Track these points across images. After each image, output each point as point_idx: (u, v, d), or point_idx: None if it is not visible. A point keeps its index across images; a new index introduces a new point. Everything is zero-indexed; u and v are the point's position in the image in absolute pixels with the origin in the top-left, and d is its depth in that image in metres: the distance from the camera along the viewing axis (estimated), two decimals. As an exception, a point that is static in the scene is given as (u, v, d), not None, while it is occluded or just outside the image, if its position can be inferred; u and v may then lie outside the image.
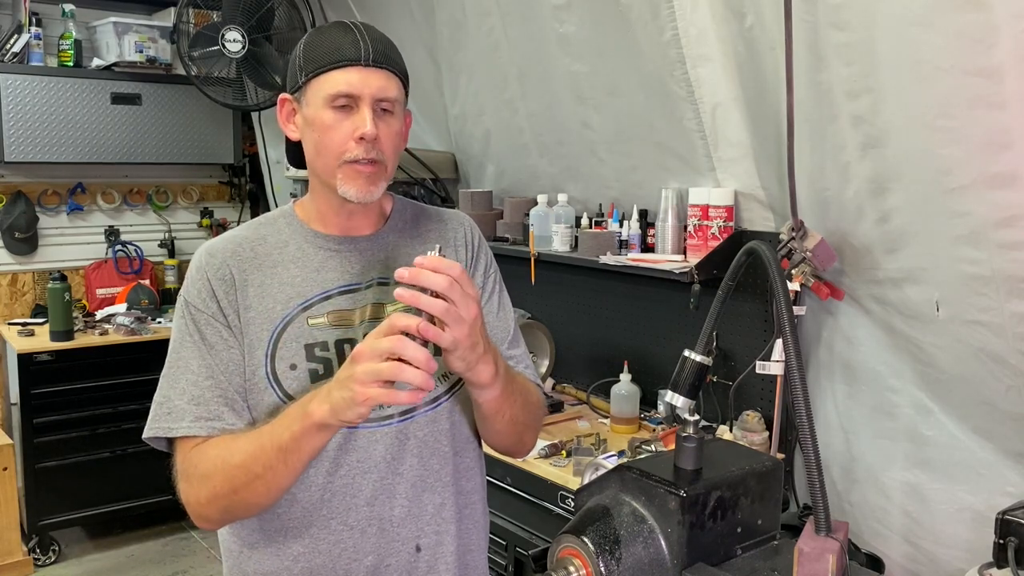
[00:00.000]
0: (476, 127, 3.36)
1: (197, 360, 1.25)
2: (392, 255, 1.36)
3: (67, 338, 3.79)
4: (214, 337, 1.26)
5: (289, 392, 1.25)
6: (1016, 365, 1.83)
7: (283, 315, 1.28)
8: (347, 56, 1.23)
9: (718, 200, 2.47)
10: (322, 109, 1.24)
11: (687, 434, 1.18)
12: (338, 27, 1.28)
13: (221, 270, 1.28)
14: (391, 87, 1.26)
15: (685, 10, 2.27)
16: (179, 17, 3.68)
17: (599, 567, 1.08)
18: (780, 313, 1.14)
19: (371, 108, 1.24)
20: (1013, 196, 1.65)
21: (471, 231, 1.47)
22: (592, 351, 3.11)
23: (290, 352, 1.26)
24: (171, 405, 1.25)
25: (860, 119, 1.90)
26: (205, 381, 1.24)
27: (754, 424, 2.43)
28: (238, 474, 1.19)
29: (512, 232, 3.20)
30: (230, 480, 1.19)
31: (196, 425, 1.23)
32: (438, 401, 1.33)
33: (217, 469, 1.20)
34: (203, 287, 1.28)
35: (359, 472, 1.27)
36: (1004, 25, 1.52)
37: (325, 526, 1.27)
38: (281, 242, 1.33)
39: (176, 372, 1.26)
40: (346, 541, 1.28)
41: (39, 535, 3.74)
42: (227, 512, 1.25)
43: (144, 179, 4.48)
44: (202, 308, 1.27)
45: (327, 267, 1.32)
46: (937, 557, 2.14)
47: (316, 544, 1.27)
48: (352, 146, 1.24)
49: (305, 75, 1.26)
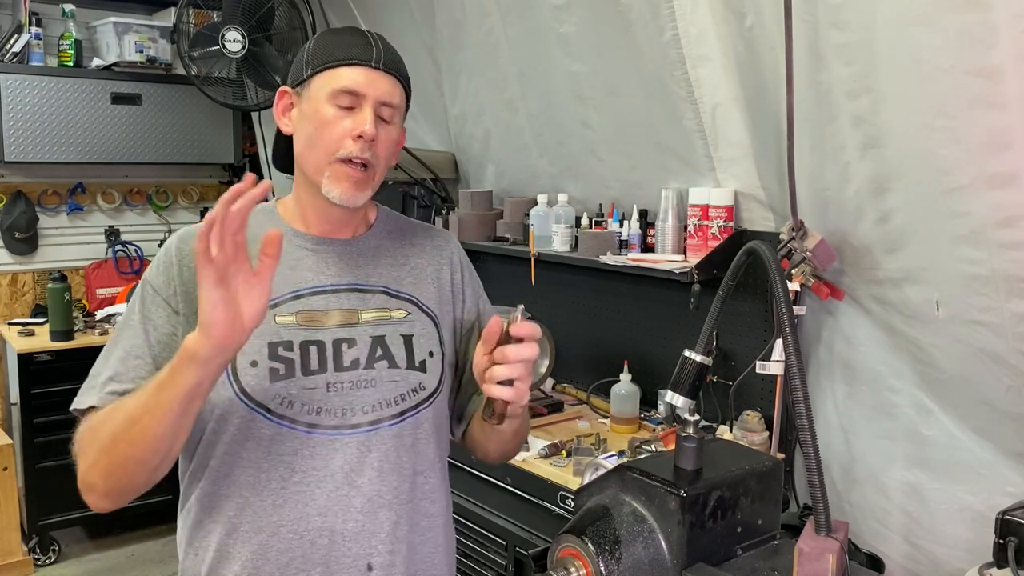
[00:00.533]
0: (476, 127, 3.36)
1: (131, 339, 1.23)
2: (372, 262, 1.34)
3: (67, 338, 3.79)
4: (160, 319, 1.24)
5: (247, 389, 1.22)
6: (1016, 365, 1.83)
7: None
8: (357, 55, 1.25)
9: (718, 200, 2.47)
10: (324, 103, 1.24)
11: (687, 434, 1.18)
12: (351, 29, 1.30)
13: (190, 256, 1.21)
14: (395, 93, 1.27)
15: (685, 10, 2.27)
16: (179, 17, 3.68)
17: (599, 567, 1.08)
18: (780, 313, 1.14)
19: (373, 110, 1.24)
20: (1013, 196, 1.65)
21: (457, 250, 1.47)
22: (592, 351, 3.11)
23: (252, 348, 1.22)
24: (94, 382, 1.23)
25: (860, 119, 1.90)
26: (133, 360, 1.22)
27: (754, 424, 2.43)
28: (119, 421, 1.14)
29: (512, 232, 3.20)
30: (111, 431, 1.14)
31: (103, 396, 1.20)
32: (405, 415, 1.30)
33: (103, 423, 1.17)
34: (166, 269, 1.26)
35: (315, 480, 1.24)
36: (1004, 25, 1.52)
37: (275, 533, 1.23)
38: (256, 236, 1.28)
39: (110, 350, 1.25)
40: (295, 551, 1.23)
41: (39, 535, 3.74)
42: (109, 474, 1.17)
43: (144, 179, 4.48)
44: (158, 289, 1.25)
45: (301, 266, 1.30)
46: (937, 557, 2.14)
47: (265, 551, 1.24)
48: (348, 143, 1.23)
49: (312, 69, 1.26)
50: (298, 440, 1.23)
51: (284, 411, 1.23)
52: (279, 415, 1.23)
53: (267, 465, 1.23)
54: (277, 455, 1.23)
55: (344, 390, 1.26)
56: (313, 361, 1.26)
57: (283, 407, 1.23)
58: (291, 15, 3.86)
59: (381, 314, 1.32)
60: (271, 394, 1.23)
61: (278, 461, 1.23)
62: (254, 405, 1.22)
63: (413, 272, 1.38)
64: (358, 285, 1.32)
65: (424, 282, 1.39)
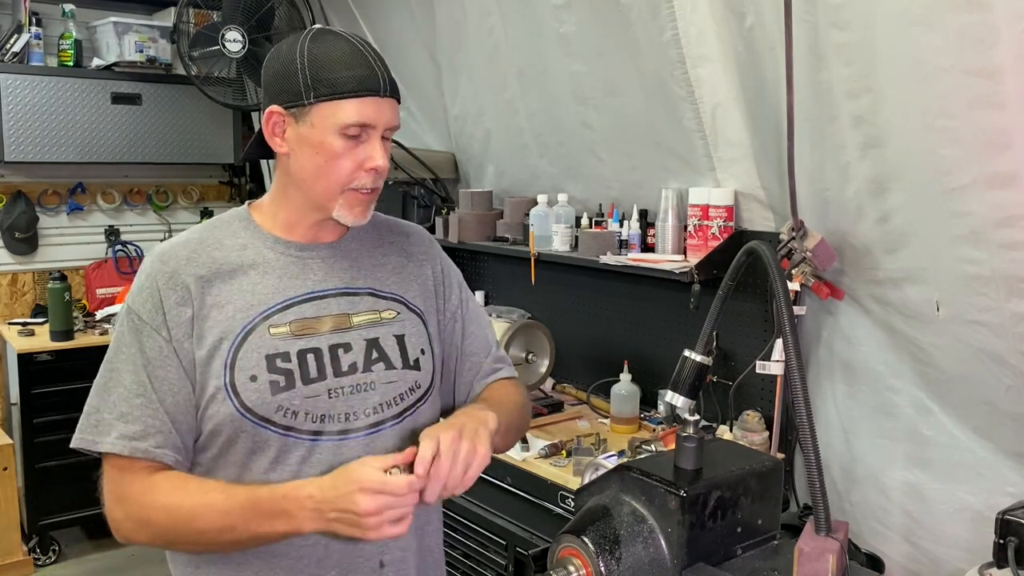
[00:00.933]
0: (476, 127, 3.36)
1: (131, 375, 1.21)
2: (355, 264, 1.35)
3: (67, 338, 3.79)
4: (153, 351, 1.21)
5: (247, 404, 1.21)
6: (1016, 365, 1.83)
7: (243, 324, 1.23)
8: (367, 87, 1.21)
9: (718, 200, 2.47)
10: (332, 135, 1.21)
11: (687, 434, 1.18)
12: (343, 44, 1.23)
13: (173, 279, 1.22)
14: (396, 115, 1.27)
15: (685, 10, 2.27)
16: (179, 17, 3.68)
17: (599, 567, 1.08)
18: (780, 313, 1.14)
19: (380, 138, 1.24)
20: (1013, 196, 1.65)
21: (431, 245, 1.47)
22: (592, 351, 3.11)
23: (250, 363, 1.22)
24: (99, 417, 1.22)
25: (860, 119, 1.90)
26: (136, 399, 1.20)
27: (754, 424, 2.43)
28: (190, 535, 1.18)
29: (512, 232, 3.20)
30: (177, 534, 1.19)
31: (120, 443, 1.19)
32: (404, 414, 1.32)
33: (165, 521, 1.18)
34: (151, 296, 1.22)
35: None
36: (1004, 25, 1.52)
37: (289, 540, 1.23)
38: (239, 246, 1.27)
39: (108, 384, 1.23)
40: (310, 556, 1.25)
41: (39, 535, 3.74)
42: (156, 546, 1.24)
43: (144, 179, 4.48)
44: (146, 319, 1.22)
45: (289, 274, 1.28)
46: (937, 557, 2.14)
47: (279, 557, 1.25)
48: (361, 175, 1.24)
49: (315, 96, 1.20)
50: (304, 448, 1.24)
51: (289, 422, 1.23)
52: (284, 427, 1.23)
53: (275, 475, 1.23)
54: (284, 464, 1.23)
55: (345, 395, 1.27)
56: (312, 369, 1.26)
57: (287, 419, 1.23)
58: (291, 15, 3.86)
59: (371, 316, 1.33)
60: (273, 407, 1.23)
61: (285, 470, 1.23)
62: (257, 420, 1.22)
63: (395, 271, 1.39)
64: (346, 289, 1.32)
65: (407, 280, 1.40)
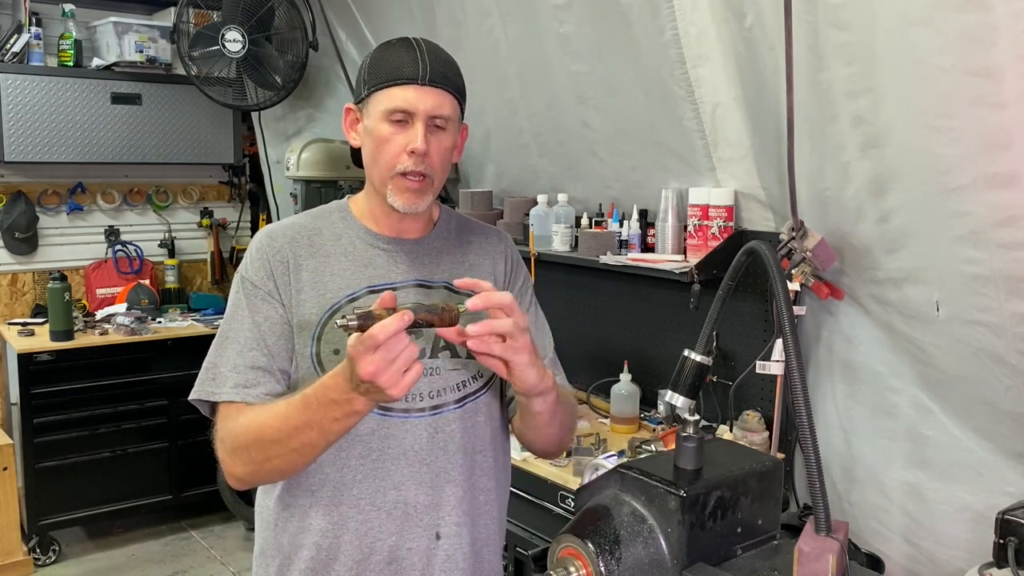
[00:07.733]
0: (476, 127, 3.36)
1: (245, 332, 1.35)
2: (435, 260, 1.45)
3: (67, 338, 3.79)
4: (268, 310, 1.35)
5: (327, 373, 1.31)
6: (1016, 365, 1.83)
7: (332, 303, 1.37)
8: (406, 75, 1.32)
9: (718, 200, 2.47)
10: (380, 122, 1.33)
11: (687, 434, 1.18)
12: (403, 44, 1.36)
13: (281, 252, 1.38)
14: (445, 105, 1.35)
15: (685, 10, 2.27)
16: (179, 17, 3.68)
17: (599, 567, 1.08)
18: (780, 313, 1.14)
19: (424, 124, 1.33)
20: (1013, 196, 1.65)
21: (510, 248, 1.58)
22: (592, 351, 3.11)
23: (335, 337, 1.34)
24: (216, 371, 1.34)
25: (860, 119, 1.90)
26: (249, 352, 1.34)
27: (754, 424, 2.43)
28: (275, 448, 1.27)
29: (512, 232, 3.19)
30: (265, 451, 1.28)
31: (235, 391, 1.32)
32: (465, 400, 1.41)
33: (252, 442, 1.28)
34: (262, 266, 1.37)
35: (390, 458, 1.36)
36: (1004, 25, 1.52)
37: (354, 505, 1.36)
38: (335, 235, 1.42)
39: (224, 341, 1.36)
40: (372, 521, 1.36)
41: (39, 535, 3.73)
42: (256, 476, 1.34)
43: (144, 179, 4.48)
44: (259, 284, 1.37)
45: (375, 264, 1.41)
46: (937, 557, 2.14)
47: (345, 521, 1.36)
48: (404, 158, 1.33)
49: (368, 88, 1.35)
50: (374, 421, 1.34)
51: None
52: None
53: (346, 444, 1.33)
54: (355, 435, 1.32)
55: None
56: None
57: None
58: (291, 15, 3.86)
59: None
60: None
61: (356, 440, 1.34)
62: None
63: (471, 269, 1.49)
64: (423, 281, 1.43)
65: (481, 277, 1.44)
